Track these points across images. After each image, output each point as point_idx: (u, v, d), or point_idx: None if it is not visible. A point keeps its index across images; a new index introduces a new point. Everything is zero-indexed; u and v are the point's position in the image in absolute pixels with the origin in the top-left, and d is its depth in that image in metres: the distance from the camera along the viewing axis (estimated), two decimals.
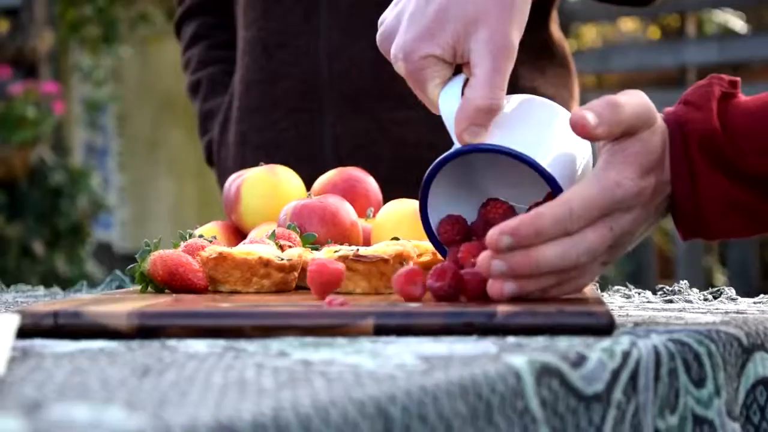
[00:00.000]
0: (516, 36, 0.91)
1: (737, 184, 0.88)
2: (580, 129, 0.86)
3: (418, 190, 0.95)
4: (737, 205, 0.89)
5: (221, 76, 1.64)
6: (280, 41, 1.48)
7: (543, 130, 0.93)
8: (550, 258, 0.82)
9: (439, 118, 0.94)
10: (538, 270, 0.82)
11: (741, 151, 0.88)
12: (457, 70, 0.94)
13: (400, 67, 0.93)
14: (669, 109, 0.91)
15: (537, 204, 0.91)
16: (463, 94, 0.91)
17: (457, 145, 0.92)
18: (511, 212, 0.93)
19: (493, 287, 0.83)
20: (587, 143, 0.94)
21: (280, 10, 1.48)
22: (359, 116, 1.43)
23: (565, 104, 1.48)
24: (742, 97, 0.91)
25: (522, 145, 0.89)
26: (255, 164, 1.25)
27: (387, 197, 1.19)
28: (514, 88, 1.41)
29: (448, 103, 0.92)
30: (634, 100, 0.87)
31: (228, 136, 1.56)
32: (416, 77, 0.92)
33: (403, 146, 1.42)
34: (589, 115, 0.86)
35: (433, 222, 0.95)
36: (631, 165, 0.86)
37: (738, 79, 0.92)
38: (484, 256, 0.83)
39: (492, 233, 0.81)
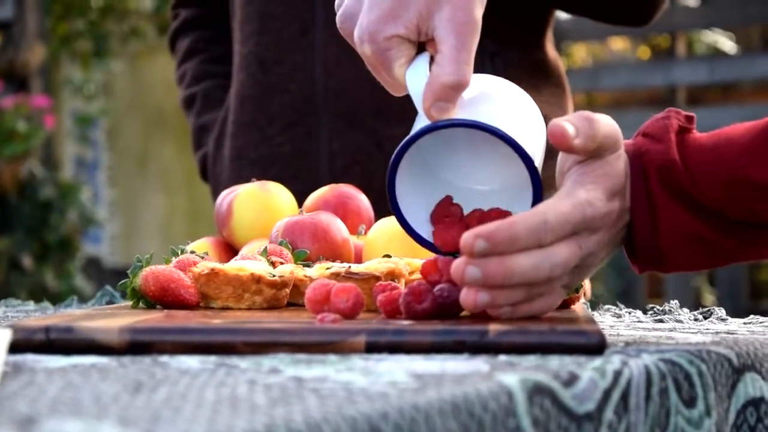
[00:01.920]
0: (479, 11, 0.91)
1: (695, 216, 0.89)
2: (559, 138, 0.86)
3: None
4: (695, 237, 0.90)
5: (216, 91, 1.64)
6: (276, 57, 1.48)
7: (509, 109, 0.94)
8: (524, 268, 0.82)
9: None
10: (512, 279, 0.82)
11: (699, 184, 0.89)
12: (421, 48, 0.94)
13: (365, 50, 0.93)
14: (628, 141, 0.92)
15: (482, 213, 0.93)
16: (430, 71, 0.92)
17: (424, 123, 0.92)
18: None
19: (467, 296, 0.83)
20: (543, 131, 0.95)
21: (277, 25, 1.48)
22: (355, 132, 1.43)
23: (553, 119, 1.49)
24: (697, 133, 0.92)
25: (491, 122, 0.90)
26: (250, 179, 1.26)
27: (382, 214, 1.19)
28: None
29: (415, 81, 0.92)
30: (605, 121, 0.88)
31: (223, 151, 1.56)
32: (382, 59, 0.93)
33: None
34: (569, 126, 0.87)
35: (402, 206, 0.96)
36: (600, 186, 0.87)
37: (693, 114, 0.93)
38: (458, 263, 0.83)
39: (467, 237, 0.82)
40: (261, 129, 1.49)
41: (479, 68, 1.41)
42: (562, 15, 1.53)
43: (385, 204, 1.13)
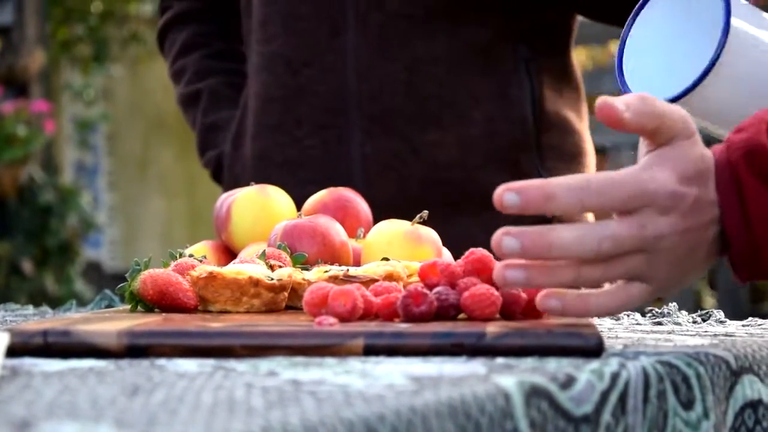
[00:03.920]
0: None
1: None
2: (606, 113, 0.82)
3: (449, 212, 0.95)
4: None
5: (222, 88, 1.61)
6: (305, 58, 1.46)
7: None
8: (566, 240, 0.77)
9: (470, 139, 0.95)
10: (551, 252, 0.77)
11: None
12: None
13: None
14: (717, 144, 0.87)
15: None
16: None
17: None
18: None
19: (497, 272, 0.79)
20: None
21: (305, 26, 1.46)
22: (389, 136, 1.42)
23: (576, 125, 1.50)
24: None
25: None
26: (277, 183, 1.25)
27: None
28: (540, 109, 1.43)
29: None
30: (668, 105, 0.84)
31: (243, 152, 1.53)
32: None
33: (434, 167, 1.42)
34: (617, 101, 0.82)
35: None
36: (669, 169, 0.81)
37: None
38: (498, 233, 0.78)
39: (498, 190, 0.78)
40: (288, 131, 1.47)
41: (514, 73, 1.42)
42: None
43: (421, 208, 1.12)
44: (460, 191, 1.42)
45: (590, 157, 1.52)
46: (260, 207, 1.21)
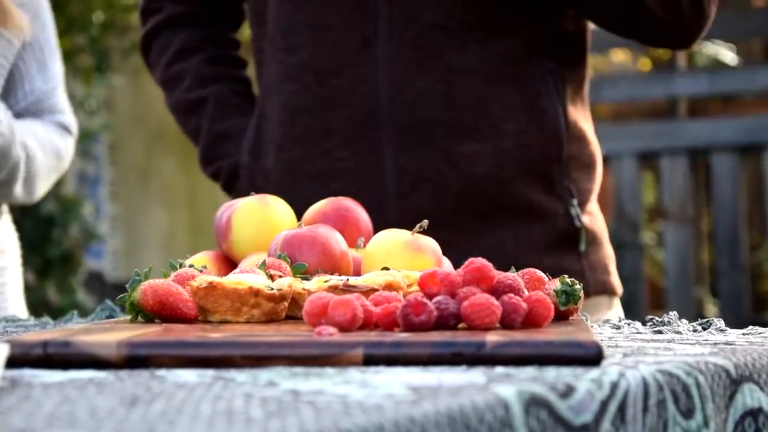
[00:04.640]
0: None
1: None
2: None
3: (482, 223, 0.95)
4: None
5: (229, 96, 1.58)
6: (334, 68, 1.45)
7: None
8: None
9: (503, 151, 0.95)
10: None
11: None
12: None
13: None
14: None
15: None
16: None
17: None
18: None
19: None
20: None
21: (334, 36, 1.45)
22: (424, 148, 1.42)
23: (590, 135, 1.51)
24: None
25: None
26: (306, 194, 1.24)
27: (452, 229, 1.17)
28: (566, 120, 1.44)
29: None
30: None
31: (265, 163, 1.51)
32: None
33: (470, 179, 1.42)
34: None
35: None
36: None
37: None
38: None
39: None
40: (318, 143, 1.46)
41: (543, 84, 1.43)
42: None
43: (457, 220, 1.12)
44: (493, 203, 1.42)
45: (600, 166, 1.53)
46: (260, 217, 1.21)
